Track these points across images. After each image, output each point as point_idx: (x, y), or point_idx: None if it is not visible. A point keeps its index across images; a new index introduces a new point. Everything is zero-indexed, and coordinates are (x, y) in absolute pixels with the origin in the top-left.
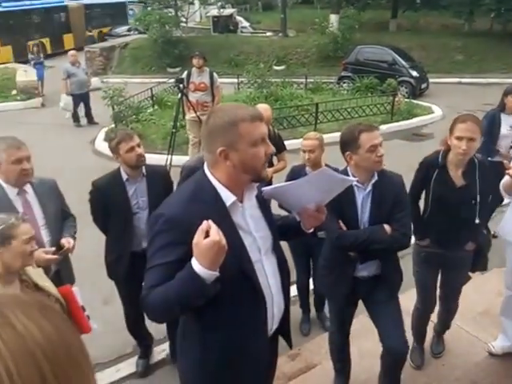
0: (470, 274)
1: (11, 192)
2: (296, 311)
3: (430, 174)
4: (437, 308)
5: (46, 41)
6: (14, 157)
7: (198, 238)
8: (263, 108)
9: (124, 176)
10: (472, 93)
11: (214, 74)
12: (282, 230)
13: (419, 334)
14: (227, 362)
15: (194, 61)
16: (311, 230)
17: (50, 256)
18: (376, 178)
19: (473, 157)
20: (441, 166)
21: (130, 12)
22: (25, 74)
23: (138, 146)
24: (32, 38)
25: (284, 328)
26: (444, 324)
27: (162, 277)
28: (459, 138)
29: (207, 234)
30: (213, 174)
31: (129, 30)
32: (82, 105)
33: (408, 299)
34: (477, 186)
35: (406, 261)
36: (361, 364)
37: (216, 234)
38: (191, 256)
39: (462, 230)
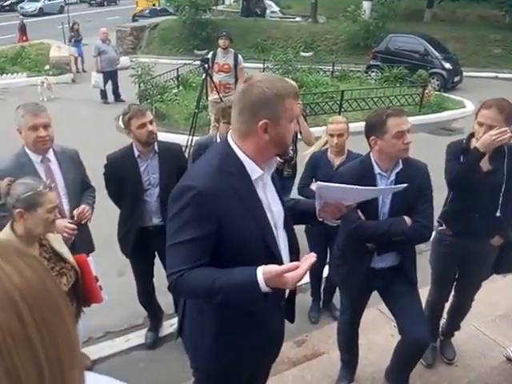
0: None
1: (35, 159)
2: (306, 298)
3: (458, 157)
4: (447, 307)
5: None
6: (31, 123)
7: (283, 271)
8: (291, 81)
9: (136, 152)
10: (509, 89)
11: (239, 56)
12: (292, 212)
13: (432, 330)
14: (244, 335)
15: (220, 41)
16: (326, 220)
17: (67, 224)
18: (400, 166)
19: None
20: (463, 148)
21: None
22: (58, 49)
23: (150, 122)
24: None
25: (289, 304)
26: (453, 322)
27: (194, 253)
28: (480, 124)
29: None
30: (238, 146)
31: (159, 11)
32: (109, 82)
33: (422, 297)
34: (504, 173)
35: (423, 257)
36: (368, 357)
37: (295, 282)
38: (220, 229)
39: (485, 220)
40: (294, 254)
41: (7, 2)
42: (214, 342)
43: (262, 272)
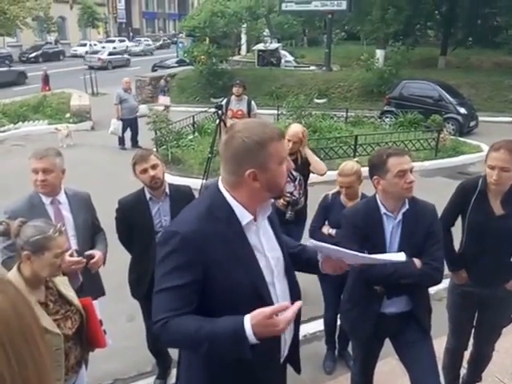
0: None
1: (45, 200)
2: (321, 347)
3: (469, 199)
4: (468, 355)
5: None
6: (32, 166)
7: (272, 311)
8: (296, 126)
9: (148, 195)
10: None
11: (252, 102)
12: (296, 258)
13: (452, 380)
14: None
15: (234, 89)
16: (325, 272)
17: (73, 258)
18: (407, 206)
19: None
20: (480, 190)
21: (180, 45)
22: (79, 98)
23: (153, 167)
24: None
25: (293, 355)
26: (474, 372)
27: (179, 300)
28: (491, 167)
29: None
30: (229, 192)
31: (177, 62)
32: (128, 129)
33: (440, 345)
34: None
35: (443, 304)
36: None
37: (287, 323)
38: (206, 276)
39: (500, 265)
40: (296, 298)
41: (33, 55)
42: None
43: (250, 318)
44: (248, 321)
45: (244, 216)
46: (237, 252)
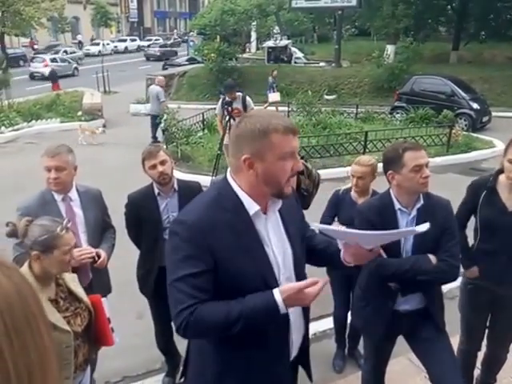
0: None
1: (57, 197)
2: (330, 345)
3: (479, 195)
4: (482, 356)
5: None
6: (44, 164)
7: (300, 287)
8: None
9: (156, 190)
10: None
11: (247, 98)
12: (322, 254)
13: (465, 382)
14: (244, 377)
15: (228, 95)
16: (351, 264)
17: (81, 253)
18: (421, 201)
19: None
20: (489, 186)
21: (191, 43)
22: (91, 96)
23: (162, 163)
24: None
25: (304, 358)
26: (488, 373)
27: (198, 287)
28: (511, 162)
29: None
30: (235, 181)
31: (188, 60)
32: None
33: (453, 346)
34: None
35: (455, 303)
36: None
37: (314, 297)
38: (216, 263)
39: None
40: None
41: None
42: (213, 381)
43: (280, 293)
44: (278, 295)
45: (251, 206)
46: (244, 241)
